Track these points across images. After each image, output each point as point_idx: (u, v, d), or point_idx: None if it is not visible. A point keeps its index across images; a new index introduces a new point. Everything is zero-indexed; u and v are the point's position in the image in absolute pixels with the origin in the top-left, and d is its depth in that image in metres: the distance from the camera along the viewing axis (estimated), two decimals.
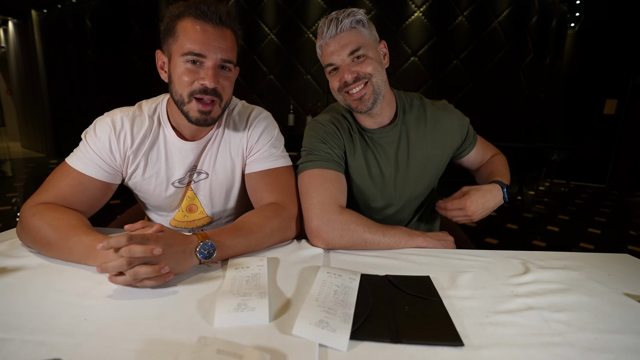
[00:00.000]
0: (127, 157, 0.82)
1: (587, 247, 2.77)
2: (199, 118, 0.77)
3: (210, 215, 0.96)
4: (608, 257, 0.82)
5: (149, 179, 0.86)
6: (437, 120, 0.99)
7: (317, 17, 3.98)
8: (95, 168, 0.78)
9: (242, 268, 0.65)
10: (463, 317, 0.54)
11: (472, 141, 1.07)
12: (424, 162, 0.99)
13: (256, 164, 0.89)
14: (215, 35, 0.73)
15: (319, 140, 0.93)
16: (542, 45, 4.70)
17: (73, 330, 0.47)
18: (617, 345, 0.49)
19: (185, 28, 0.73)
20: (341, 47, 0.84)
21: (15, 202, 3.42)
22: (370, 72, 0.86)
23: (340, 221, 0.81)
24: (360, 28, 0.86)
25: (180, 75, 0.74)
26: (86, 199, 0.78)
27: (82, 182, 0.77)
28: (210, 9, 0.72)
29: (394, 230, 0.85)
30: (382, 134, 0.97)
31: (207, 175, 0.90)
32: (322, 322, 0.49)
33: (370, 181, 0.99)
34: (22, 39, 6.21)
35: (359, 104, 0.88)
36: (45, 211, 0.71)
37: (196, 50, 0.72)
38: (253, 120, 0.91)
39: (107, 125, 0.80)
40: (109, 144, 0.79)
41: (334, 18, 0.84)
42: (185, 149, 0.86)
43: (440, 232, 0.91)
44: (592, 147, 5.42)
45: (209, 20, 0.73)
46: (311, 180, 0.87)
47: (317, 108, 4.07)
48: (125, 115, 0.82)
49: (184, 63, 0.74)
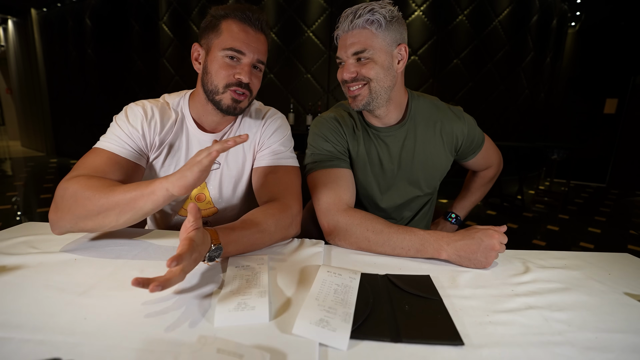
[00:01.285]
0: (154, 143, 0.86)
1: (587, 246, 2.77)
2: (230, 106, 0.84)
3: (217, 206, 0.98)
4: (608, 257, 0.82)
5: (168, 167, 0.90)
6: (447, 125, 0.98)
7: (317, 16, 3.97)
8: (129, 149, 0.81)
9: (242, 266, 0.65)
10: (463, 316, 0.54)
11: (476, 150, 1.07)
12: (428, 162, 1.00)
13: (265, 159, 0.93)
14: (254, 37, 0.82)
15: (322, 138, 0.95)
16: (543, 45, 4.70)
17: (73, 329, 0.47)
18: (618, 344, 0.49)
19: (230, 27, 0.81)
20: (348, 45, 0.84)
21: (15, 201, 3.42)
22: (370, 76, 0.84)
23: (343, 222, 0.82)
24: (373, 29, 0.82)
25: (218, 67, 0.82)
26: (123, 176, 0.77)
27: (118, 162, 0.78)
28: (255, 15, 0.82)
29: (405, 234, 0.77)
30: (389, 132, 0.97)
31: (219, 166, 0.94)
32: (322, 321, 0.49)
33: (372, 177, 1.00)
34: (22, 37, 6.21)
35: (352, 101, 0.90)
36: (87, 180, 0.68)
37: (237, 47, 0.80)
38: (269, 117, 0.96)
39: (139, 113, 0.84)
40: (142, 129, 0.83)
41: (351, 12, 0.83)
42: (204, 140, 0.91)
43: (483, 240, 0.71)
44: (592, 147, 5.42)
45: (252, 24, 0.82)
46: (317, 183, 0.91)
47: (317, 107, 4.06)
48: (155, 105, 0.87)
49: (223, 57, 0.81)
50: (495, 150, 1.16)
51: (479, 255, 0.71)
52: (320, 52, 4.06)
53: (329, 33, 3.97)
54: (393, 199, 1.03)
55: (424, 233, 0.76)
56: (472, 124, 1.03)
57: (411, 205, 1.07)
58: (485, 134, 1.10)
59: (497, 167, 1.20)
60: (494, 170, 1.19)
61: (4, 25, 6.76)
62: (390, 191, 1.02)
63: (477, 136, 1.04)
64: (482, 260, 0.71)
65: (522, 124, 4.80)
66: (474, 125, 1.03)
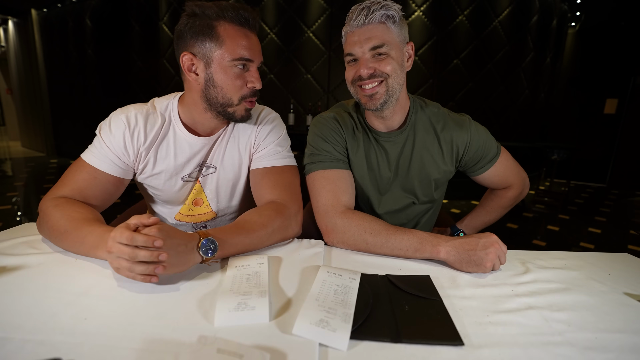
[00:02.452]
0: (139, 154, 0.84)
1: (587, 246, 2.77)
2: (244, 116, 0.84)
3: (215, 210, 0.97)
4: (608, 257, 0.82)
5: (159, 174, 0.88)
6: (447, 133, 0.94)
7: (317, 17, 3.97)
8: (109, 164, 0.81)
9: (242, 266, 0.65)
10: (463, 317, 0.54)
11: (486, 164, 0.99)
12: (424, 171, 0.96)
13: (261, 160, 0.91)
14: (255, 40, 0.81)
15: (321, 138, 0.93)
16: (543, 45, 4.70)
17: (73, 329, 0.47)
18: (617, 344, 0.49)
19: (229, 32, 0.76)
20: (365, 40, 0.81)
21: (16, 201, 3.42)
22: (388, 72, 0.82)
23: (341, 224, 0.82)
24: (389, 24, 0.81)
25: (231, 80, 0.79)
26: (100, 193, 0.81)
27: (96, 177, 0.80)
28: (251, 15, 0.78)
29: (404, 235, 0.77)
30: (388, 137, 0.95)
31: (215, 170, 0.92)
32: (322, 321, 0.49)
33: (368, 181, 0.98)
34: (22, 38, 6.21)
35: (368, 101, 0.86)
36: (64, 204, 0.74)
37: (247, 55, 0.78)
38: (263, 118, 0.94)
39: (121, 122, 0.81)
40: (123, 141, 0.81)
41: (365, 7, 0.81)
42: (196, 144, 0.88)
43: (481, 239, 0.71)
44: (592, 147, 5.41)
45: (250, 27, 0.79)
46: (315, 184, 0.90)
47: (318, 107, 4.06)
48: (140, 112, 0.83)
49: (233, 68, 0.78)
50: (516, 169, 1.04)
51: (478, 252, 0.69)
52: (320, 52, 4.05)
53: (329, 33, 3.97)
54: (389, 205, 1.01)
55: (422, 233, 0.77)
56: (478, 135, 0.95)
57: (407, 213, 1.03)
58: (505, 150, 1.02)
59: (519, 188, 1.06)
60: (515, 192, 1.06)
61: (5, 26, 6.77)
62: (386, 196, 1.00)
63: (486, 148, 0.97)
64: (482, 257, 0.68)
65: (522, 124, 4.79)
66: (481, 136, 0.96)
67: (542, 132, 5.36)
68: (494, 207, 1.11)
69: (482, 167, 1.00)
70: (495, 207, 1.11)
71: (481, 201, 1.16)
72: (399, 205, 1.01)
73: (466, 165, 1.00)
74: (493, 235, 0.71)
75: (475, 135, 0.95)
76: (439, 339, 0.48)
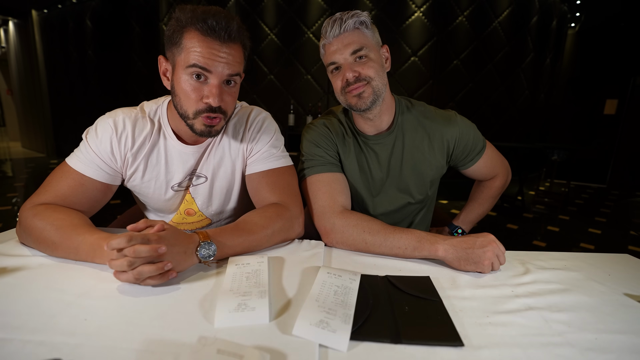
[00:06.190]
0: (126, 159, 0.82)
1: (588, 247, 2.76)
2: (203, 131, 0.76)
3: (209, 217, 0.96)
4: (608, 257, 0.82)
5: (148, 182, 0.86)
6: (436, 130, 0.97)
7: (317, 17, 3.98)
8: (96, 169, 0.78)
9: (242, 264, 0.65)
10: (463, 317, 0.54)
11: (475, 156, 1.03)
12: (417, 169, 0.99)
13: (257, 164, 0.89)
14: (222, 51, 0.70)
15: (313, 144, 0.95)
16: (543, 46, 4.70)
17: (73, 330, 0.47)
18: (618, 345, 0.49)
19: (191, 40, 0.70)
20: (344, 46, 0.85)
21: (16, 202, 3.42)
22: (371, 75, 0.86)
23: (339, 224, 0.83)
24: (363, 29, 0.86)
25: (185, 91, 0.72)
26: (86, 199, 0.78)
27: (83, 183, 0.77)
28: (220, 24, 0.69)
29: (402, 234, 0.78)
30: (377, 140, 0.97)
31: (206, 179, 0.90)
32: (322, 322, 0.49)
33: (361, 184, 1.00)
34: (23, 39, 6.22)
35: (357, 101, 0.87)
36: (46, 211, 0.70)
37: (200, 63, 0.69)
38: (252, 121, 0.90)
39: (109, 127, 0.79)
40: (110, 146, 0.79)
41: (337, 18, 0.85)
42: (186, 152, 0.85)
43: (478, 237, 0.72)
44: (592, 148, 5.42)
45: (217, 37, 0.69)
46: (311, 187, 0.91)
47: (318, 108, 4.06)
48: (128, 116, 0.81)
49: (189, 77, 0.71)
50: (499, 159, 1.11)
51: (475, 250, 0.69)
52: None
53: None
54: (384, 206, 1.02)
55: (420, 232, 0.78)
56: (467, 128, 0.99)
57: (403, 212, 1.06)
58: (488, 142, 1.06)
59: (504, 176, 1.13)
60: (501, 180, 1.13)
61: (5, 27, 6.77)
62: (379, 198, 1.02)
63: (473, 141, 1.00)
64: (480, 255, 0.69)
65: (522, 125, 4.79)
66: (469, 130, 0.99)
67: (542, 133, 5.36)
68: (485, 198, 1.16)
69: (472, 160, 1.03)
70: (486, 198, 1.16)
71: (471, 195, 1.20)
72: (395, 205, 1.03)
73: (457, 158, 1.03)
74: (490, 235, 0.72)
75: (464, 130, 0.98)
76: (438, 339, 0.48)
